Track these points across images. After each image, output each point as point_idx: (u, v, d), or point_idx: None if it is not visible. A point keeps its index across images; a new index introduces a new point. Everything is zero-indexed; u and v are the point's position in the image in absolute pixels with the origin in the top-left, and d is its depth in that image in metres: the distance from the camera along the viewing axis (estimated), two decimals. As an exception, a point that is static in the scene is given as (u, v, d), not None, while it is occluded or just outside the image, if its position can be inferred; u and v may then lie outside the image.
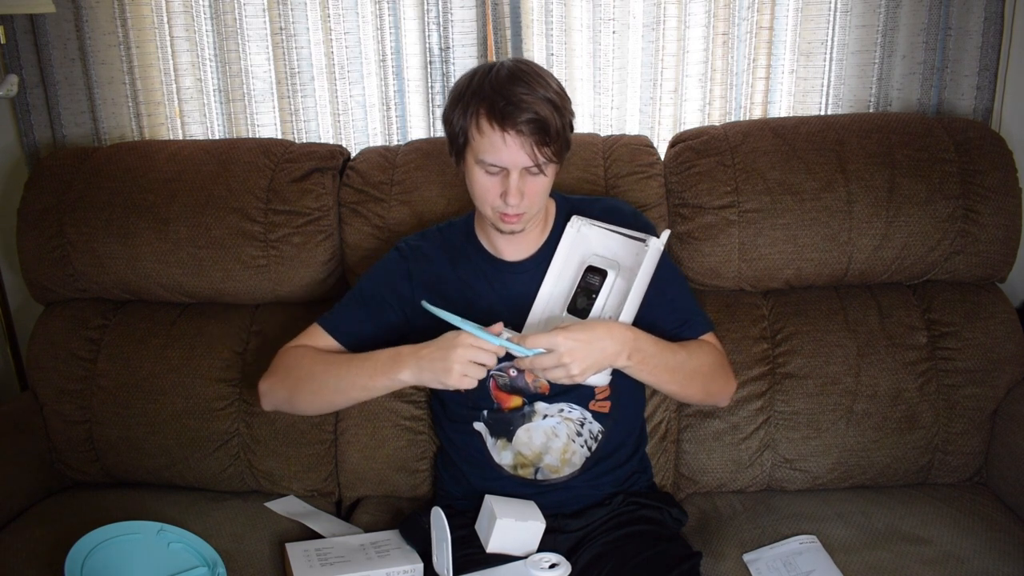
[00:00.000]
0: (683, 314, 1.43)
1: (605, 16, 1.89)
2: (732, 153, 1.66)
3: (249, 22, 1.91)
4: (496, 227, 1.34)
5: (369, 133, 2.01)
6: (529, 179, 1.27)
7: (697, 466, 1.63)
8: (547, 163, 1.27)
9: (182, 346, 1.69)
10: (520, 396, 1.40)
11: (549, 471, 1.41)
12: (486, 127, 1.24)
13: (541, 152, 1.24)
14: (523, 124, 1.22)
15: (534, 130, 1.22)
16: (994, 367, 1.62)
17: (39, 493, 1.68)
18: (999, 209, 1.62)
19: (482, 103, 1.24)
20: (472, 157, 1.28)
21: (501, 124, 1.22)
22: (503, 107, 1.22)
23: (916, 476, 1.63)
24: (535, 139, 1.23)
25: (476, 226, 1.45)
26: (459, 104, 1.28)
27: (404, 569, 1.36)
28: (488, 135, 1.24)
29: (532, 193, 1.29)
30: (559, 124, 1.25)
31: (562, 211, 1.44)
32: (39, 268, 1.73)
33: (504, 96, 1.22)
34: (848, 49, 1.86)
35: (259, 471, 1.66)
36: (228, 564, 1.39)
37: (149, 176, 1.71)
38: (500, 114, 1.22)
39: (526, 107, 1.22)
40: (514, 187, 1.26)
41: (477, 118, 1.25)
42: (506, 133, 1.23)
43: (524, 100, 1.22)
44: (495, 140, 1.24)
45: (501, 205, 1.29)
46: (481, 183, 1.29)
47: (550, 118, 1.23)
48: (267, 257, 1.68)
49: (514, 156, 1.24)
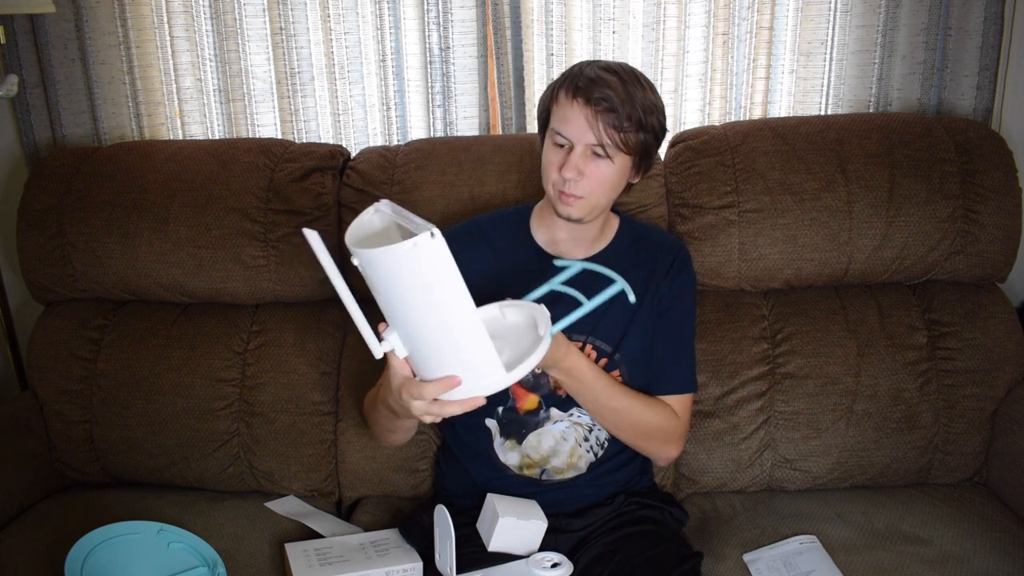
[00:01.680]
0: (661, 366, 1.41)
1: (605, 16, 1.89)
2: (732, 153, 1.66)
3: (249, 22, 1.91)
4: (554, 207, 1.32)
5: (369, 133, 2.01)
6: (592, 161, 1.27)
7: (697, 466, 1.63)
8: (614, 149, 1.26)
9: (182, 346, 1.69)
10: (536, 395, 1.39)
11: (554, 472, 1.41)
12: (563, 98, 1.27)
13: (607, 133, 1.24)
14: (596, 100, 1.23)
15: (605, 108, 1.23)
16: (994, 367, 1.62)
17: (39, 493, 1.68)
18: (999, 209, 1.62)
19: (568, 79, 1.28)
20: (548, 131, 1.31)
21: (575, 94, 1.25)
22: (584, 82, 1.25)
23: (916, 476, 1.63)
24: (604, 118, 1.24)
25: (534, 217, 1.43)
26: (553, 87, 1.32)
27: (404, 568, 1.36)
28: (563, 105, 1.27)
29: (593, 177, 1.28)
30: (638, 116, 1.25)
31: (624, 230, 1.44)
32: (39, 268, 1.73)
33: (588, 75, 1.26)
34: (848, 49, 1.86)
35: (259, 471, 1.66)
36: (228, 564, 1.39)
37: (149, 176, 1.71)
38: (578, 87, 1.25)
39: (604, 85, 1.24)
40: (574, 161, 1.26)
41: (560, 91, 1.28)
42: (576, 101, 1.25)
43: (606, 81, 1.24)
44: (566, 110, 1.26)
45: (559, 181, 1.28)
46: (547, 156, 1.31)
47: (626, 103, 1.24)
48: (267, 257, 1.68)
49: (579, 128, 1.25)
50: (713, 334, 1.66)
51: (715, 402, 1.63)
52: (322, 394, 1.67)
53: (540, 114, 1.34)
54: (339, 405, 1.67)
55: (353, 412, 1.65)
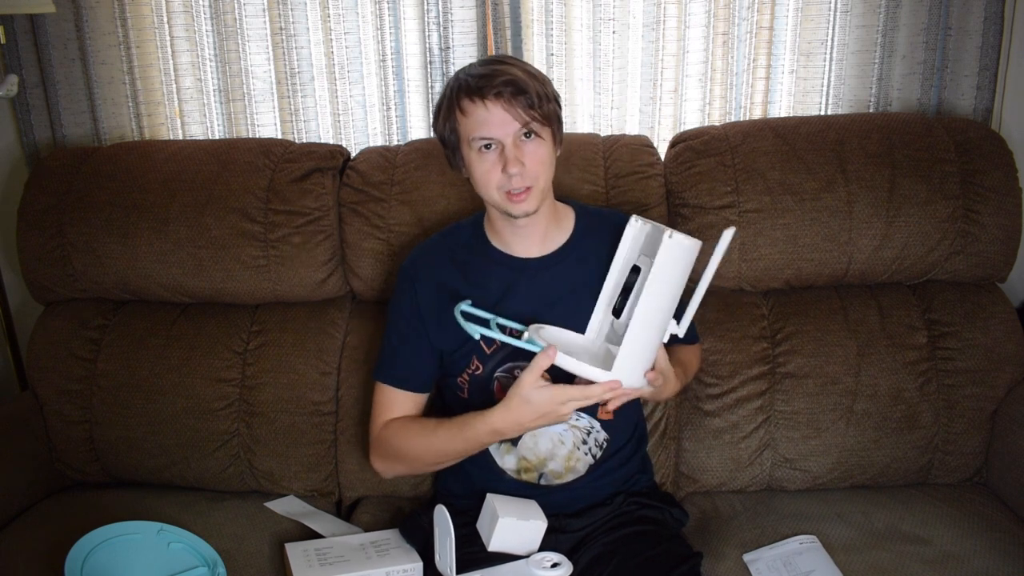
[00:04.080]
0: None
1: (605, 16, 1.89)
2: (732, 153, 1.66)
3: (249, 22, 1.91)
4: (508, 212, 1.31)
5: (369, 133, 2.01)
6: (525, 146, 1.27)
7: (697, 465, 1.63)
8: (539, 125, 1.27)
9: (182, 346, 1.69)
10: None
11: (552, 476, 1.41)
12: (467, 106, 1.26)
13: (527, 113, 1.25)
14: (500, 87, 1.24)
15: (513, 92, 1.24)
16: (994, 367, 1.62)
17: (39, 493, 1.68)
18: (999, 209, 1.62)
19: (457, 91, 1.28)
20: (466, 146, 1.29)
21: (480, 95, 1.25)
22: (476, 81, 1.25)
23: (916, 476, 1.63)
24: (517, 101, 1.24)
25: (486, 226, 1.43)
26: (440, 109, 1.32)
27: (404, 568, 1.36)
28: (471, 113, 1.26)
29: (533, 161, 1.27)
30: (539, 89, 1.26)
31: (581, 218, 1.43)
32: (39, 268, 1.73)
33: (474, 75, 1.26)
34: (848, 49, 1.86)
35: (259, 471, 1.66)
36: (228, 564, 1.39)
37: (149, 176, 1.71)
38: (475, 88, 1.25)
39: (498, 74, 1.25)
40: (512, 155, 1.26)
41: (458, 103, 1.27)
42: (486, 100, 1.24)
43: (498, 71, 1.26)
44: (479, 113, 1.25)
45: (504, 182, 1.27)
46: (480, 167, 1.29)
47: (525, 79, 1.26)
48: (267, 257, 1.67)
49: (501, 122, 1.25)
50: (713, 334, 1.66)
51: (715, 401, 1.63)
52: (322, 394, 1.67)
53: (447, 136, 1.32)
54: (339, 405, 1.67)
55: (353, 412, 1.65)
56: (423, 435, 1.38)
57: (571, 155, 1.69)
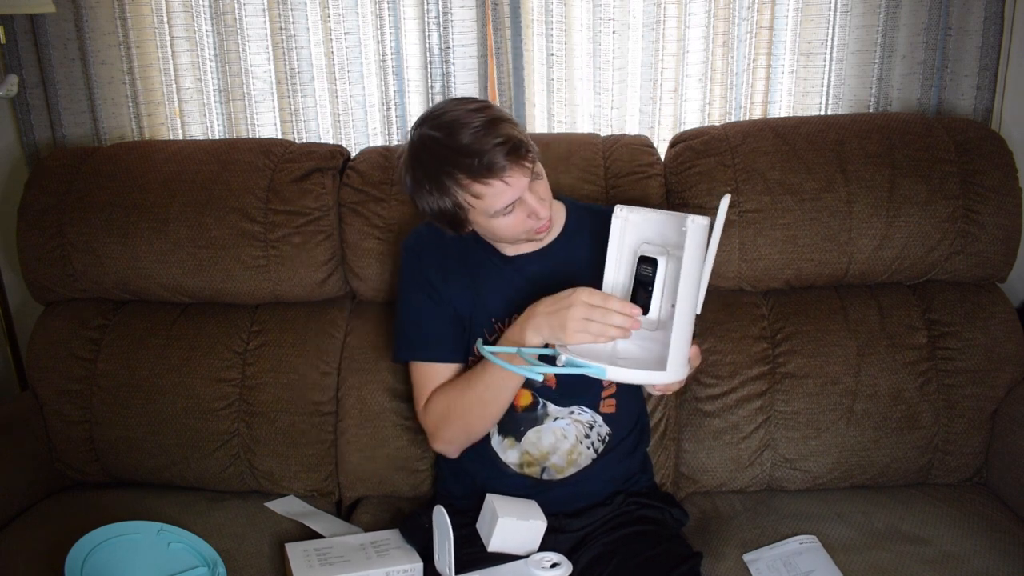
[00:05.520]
0: None
1: (605, 16, 1.89)
2: (732, 153, 1.66)
3: (249, 22, 1.91)
4: (530, 241, 1.37)
5: (369, 133, 2.01)
6: (536, 188, 1.30)
7: (697, 465, 1.63)
8: (537, 166, 1.30)
9: (182, 346, 1.69)
10: (528, 390, 1.39)
11: (555, 471, 1.41)
12: (481, 188, 1.25)
13: (528, 160, 1.26)
14: (507, 160, 1.23)
15: (513, 149, 1.24)
16: (994, 367, 1.62)
17: (39, 493, 1.68)
18: (999, 209, 1.62)
19: (458, 172, 1.25)
20: (482, 217, 1.30)
21: (493, 174, 1.24)
22: (480, 162, 1.23)
23: (916, 476, 1.63)
24: (521, 158, 1.25)
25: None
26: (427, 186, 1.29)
27: (404, 568, 1.36)
28: (488, 193, 1.25)
29: (546, 194, 1.33)
30: (520, 131, 1.28)
31: (572, 213, 1.46)
32: (39, 268, 1.73)
33: (467, 152, 1.24)
34: (848, 49, 1.86)
35: (259, 471, 1.67)
36: (228, 564, 1.39)
37: (149, 176, 1.71)
38: (485, 169, 1.23)
39: (493, 146, 1.23)
40: (534, 204, 1.28)
41: (466, 187, 1.26)
42: (504, 176, 1.24)
43: (484, 141, 1.23)
44: (498, 189, 1.25)
45: (533, 225, 1.31)
46: (506, 225, 1.30)
47: (510, 131, 1.25)
48: (267, 257, 1.68)
49: (516, 183, 1.26)
50: (713, 334, 1.66)
51: (715, 401, 1.63)
52: (322, 394, 1.67)
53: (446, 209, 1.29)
54: (339, 405, 1.67)
55: (353, 412, 1.65)
56: (459, 388, 1.37)
57: (571, 155, 1.69)
